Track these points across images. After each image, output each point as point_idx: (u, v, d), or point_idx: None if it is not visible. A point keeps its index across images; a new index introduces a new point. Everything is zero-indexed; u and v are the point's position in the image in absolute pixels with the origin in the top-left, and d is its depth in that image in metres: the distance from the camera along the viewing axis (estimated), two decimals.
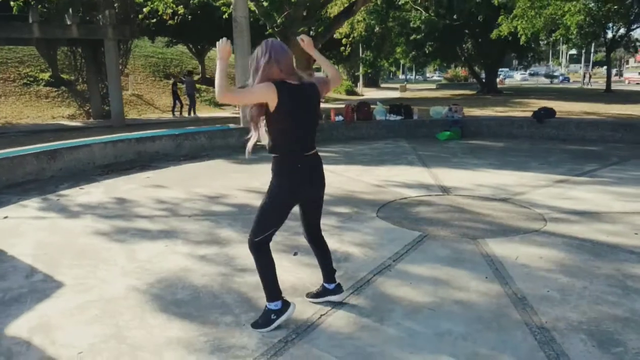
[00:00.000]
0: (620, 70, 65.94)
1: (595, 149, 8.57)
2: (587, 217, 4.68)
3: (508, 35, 22.73)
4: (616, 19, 27.43)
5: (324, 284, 3.09)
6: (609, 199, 5.31)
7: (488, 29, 26.84)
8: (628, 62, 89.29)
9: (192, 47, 27.48)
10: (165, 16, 15.64)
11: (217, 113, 20.98)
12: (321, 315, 2.91)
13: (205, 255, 3.90)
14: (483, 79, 35.50)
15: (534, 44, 30.43)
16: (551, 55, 72.63)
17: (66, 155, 7.41)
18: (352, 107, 10.88)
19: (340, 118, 10.86)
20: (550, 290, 3.16)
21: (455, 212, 5.02)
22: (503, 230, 4.39)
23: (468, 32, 31.66)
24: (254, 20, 16.01)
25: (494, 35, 23.52)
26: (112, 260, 3.88)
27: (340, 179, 6.69)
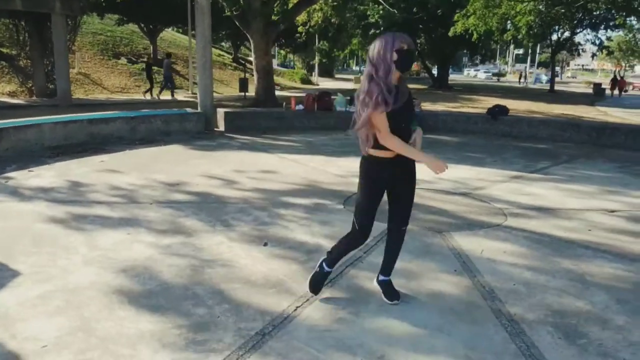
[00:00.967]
0: (561, 71, 69.14)
1: (546, 147, 8.95)
2: (544, 213, 4.89)
3: (463, 33, 23.31)
4: (562, 22, 28.69)
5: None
6: (562, 195, 5.56)
7: (443, 25, 27.43)
8: (569, 64, 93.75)
9: (144, 27, 26.43)
10: None
11: (170, 96, 20.35)
12: (297, 308, 2.89)
13: (170, 245, 3.78)
14: (435, 74, 36.29)
15: (486, 42, 31.32)
16: (499, 54, 75.21)
17: (13, 134, 6.98)
18: (313, 96, 10.83)
19: (301, 107, 10.80)
20: (517, 284, 3.28)
21: (421, 205, 5.10)
22: (467, 224, 4.51)
23: (422, 27, 32.19)
24: (212, 2, 15.60)
25: (451, 33, 24.04)
26: (72, 248, 3.69)
27: (304, 169, 6.67)
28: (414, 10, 27.72)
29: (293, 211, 4.73)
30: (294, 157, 7.41)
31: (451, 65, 56.80)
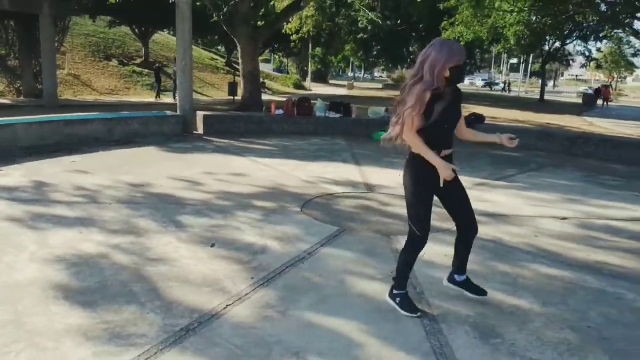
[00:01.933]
0: (555, 81, 69.72)
1: (518, 156, 9.06)
2: (496, 219, 5.00)
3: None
4: (552, 33, 28.98)
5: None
6: (520, 202, 5.68)
7: (434, 33, 27.67)
8: (563, 75, 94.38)
9: (136, 29, 26.55)
10: None
11: (159, 99, 20.44)
12: (227, 306, 2.98)
13: (119, 244, 3.86)
14: None
15: (479, 50, 31.60)
16: (493, 63, 75.72)
17: None
18: (293, 101, 10.94)
19: (281, 112, 10.91)
20: (448, 286, 3.37)
21: (376, 210, 5.22)
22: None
23: (415, 35, 32.50)
24: (201, 7, 15.74)
25: None
26: (21, 246, 3.77)
27: (274, 172, 6.76)
28: (398, 22, 27.96)
29: (250, 214, 4.82)
30: (266, 161, 7.51)
31: None
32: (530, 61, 49.99)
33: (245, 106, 15.80)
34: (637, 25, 23.40)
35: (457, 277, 3.17)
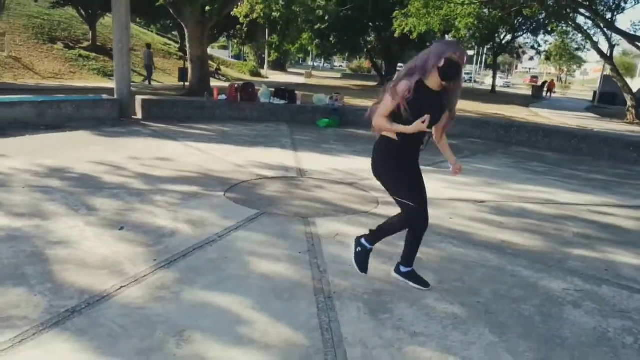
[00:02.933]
0: (508, 74, 71.57)
1: (454, 143, 9.25)
2: None
3: (407, 32, 23.77)
4: (503, 26, 29.76)
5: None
6: (442, 186, 5.82)
7: (389, 23, 27.87)
8: (517, 67, 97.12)
9: (83, 11, 25.52)
10: None
11: (106, 83, 19.78)
12: (121, 287, 2.92)
13: (21, 228, 3.73)
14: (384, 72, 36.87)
15: (429, 42, 31.99)
16: None
17: None
18: (236, 87, 10.82)
19: (224, 97, 10.77)
20: (351, 265, 3.42)
21: (301, 194, 5.23)
22: (335, 210, 4.66)
23: (372, 25, 32.64)
24: None
25: (397, 34, 24.48)
26: None
27: (205, 157, 6.67)
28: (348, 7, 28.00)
29: (168, 198, 4.74)
30: (200, 146, 7.40)
31: (401, 64, 58.24)
32: (483, 53, 51.17)
33: (193, 92, 15.50)
34: (580, 20, 24.28)
35: (402, 268, 3.21)
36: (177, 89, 19.56)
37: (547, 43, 37.03)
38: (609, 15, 20.13)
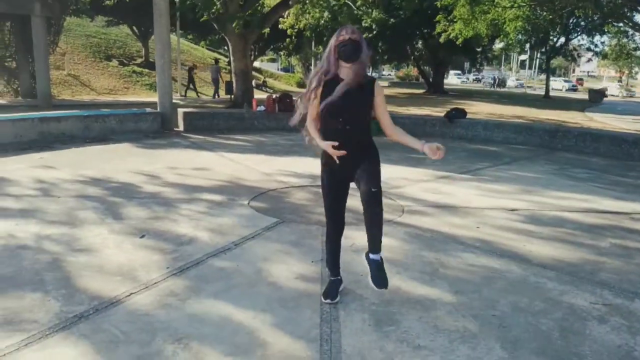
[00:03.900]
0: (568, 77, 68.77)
1: (496, 149, 8.99)
2: (442, 210, 4.95)
3: (453, 38, 23.32)
4: (554, 28, 28.60)
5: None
6: (474, 194, 5.61)
7: (435, 29, 27.46)
8: (574, 71, 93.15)
9: (135, 29, 26.72)
10: None
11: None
12: (131, 294, 2.98)
13: (50, 235, 3.89)
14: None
15: (477, 47, 31.28)
16: (503, 60, 74.96)
17: None
18: (274, 98, 10.95)
19: (262, 108, 10.92)
20: (364, 274, 3.33)
21: (320, 202, 5.18)
22: (357, 219, 4.57)
23: (419, 32, 32.27)
24: (190, 5, 15.80)
25: (442, 39, 24.08)
26: None
27: (237, 167, 6.77)
28: (400, 13, 27.73)
29: (194, 206, 4.83)
30: (233, 156, 7.52)
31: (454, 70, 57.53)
32: (536, 57, 49.39)
33: (238, 104, 15.82)
34: (638, 19, 22.98)
35: (371, 255, 2.99)
36: (225, 101, 20.05)
37: (603, 44, 35.18)
38: None
